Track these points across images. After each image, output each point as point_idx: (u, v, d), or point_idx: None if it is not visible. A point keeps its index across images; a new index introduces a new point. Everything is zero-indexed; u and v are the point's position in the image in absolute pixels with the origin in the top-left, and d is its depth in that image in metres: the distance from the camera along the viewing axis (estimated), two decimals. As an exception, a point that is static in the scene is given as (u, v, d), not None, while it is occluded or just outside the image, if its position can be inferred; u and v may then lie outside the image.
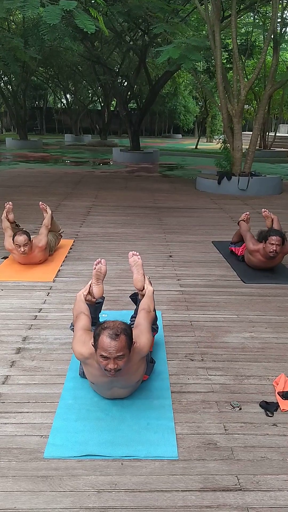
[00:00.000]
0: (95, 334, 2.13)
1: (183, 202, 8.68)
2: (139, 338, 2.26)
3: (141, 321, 2.44)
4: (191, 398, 2.49)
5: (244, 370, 2.80)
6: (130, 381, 2.34)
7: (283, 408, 2.40)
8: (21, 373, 2.70)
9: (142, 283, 2.83)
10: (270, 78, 9.87)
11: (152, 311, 2.62)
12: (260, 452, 2.09)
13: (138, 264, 2.90)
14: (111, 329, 2.08)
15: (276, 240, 4.32)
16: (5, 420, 2.26)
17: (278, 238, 4.33)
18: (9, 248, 4.53)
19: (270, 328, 3.39)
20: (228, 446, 2.13)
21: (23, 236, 4.33)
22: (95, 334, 2.13)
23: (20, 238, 4.32)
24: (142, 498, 1.82)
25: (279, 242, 4.32)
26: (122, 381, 2.28)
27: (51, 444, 2.09)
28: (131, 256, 2.98)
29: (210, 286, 4.26)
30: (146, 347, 2.30)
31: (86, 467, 1.98)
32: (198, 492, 1.86)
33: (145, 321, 2.45)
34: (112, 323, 2.13)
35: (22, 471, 1.94)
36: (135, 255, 2.96)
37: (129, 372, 2.23)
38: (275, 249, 4.32)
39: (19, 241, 4.31)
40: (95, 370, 2.23)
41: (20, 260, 4.53)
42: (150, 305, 2.63)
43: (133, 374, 2.30)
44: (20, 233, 4.37)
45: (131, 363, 2.19)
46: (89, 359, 2.22)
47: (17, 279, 4.26)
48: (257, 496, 1.85)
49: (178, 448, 2.10)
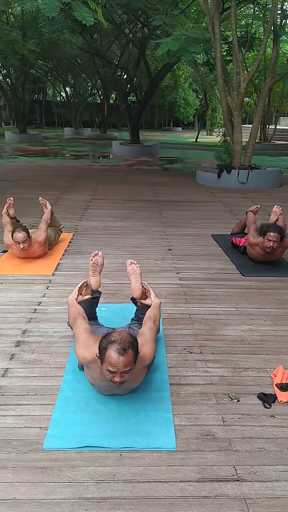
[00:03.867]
0: (101, 346, 2.09)
1: (182, 196, 8.66)
2: (144, 347, 2.25)
3: (146, 330, 2.43)
4: (190, 390, 2.51)
5: (242, 363, 2.81)
6: (131, 386, 2.35)
7: (281, 400, 2.42)
8: (21, 366, 2.71)
9: (139, 291, 2.82)
10: (270, 70, 9.82)
11: (158, 321, 2.60)
12: (257, 443, 2.11)
13: (136, 273, 2.87)
14: (119, 343, 2.04)
15: (274, 237, 4.33)
16: (5, 413, 2.28)
17: (276, 234, 4.33)
18: (8, 243, 4.53)
19: (269, 321, 3.40)
20: (226, 437, 2.14)
21: (22, 233, 4.32)
22: (101, 347, 2.08)
23: (19, 235, 4.31)
24: (141, 488, 1.84)
25: (276, 238, 4.32)
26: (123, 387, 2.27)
27: (51, 435, 2.11)
28: (129, 264, 2.95)
29: (209, 279, 4.26)
30: (149, 356, 2.31)
31: (85, 458, 2.00)
32: (196, 482, 1.88)
33: (151, 331, 2.44)
34: (119, 337, 2.09)
35: (22, 462, 1.96)
36: (133, 263, 2.93)
37: (131, 379, 2.21)
38: (272, 245, 4.33)
39: (18, 238, 4.31)
40: (97, 374, 2.23)
41: (19, 254, 4.53)
42: (157, 315, 2.62)
43: (134, 381, 2.31)
44: (19, 230, 4.35)
45: (134, 372, 2.18)
46: (92, 363, 2.21)
47: (17, 273, 4.26)
48: (254, 487, 1.87)
49: (176, 439, 2.11)
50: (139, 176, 11.44)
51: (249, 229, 4.76)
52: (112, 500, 1.79)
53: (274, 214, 4.92)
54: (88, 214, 6.87)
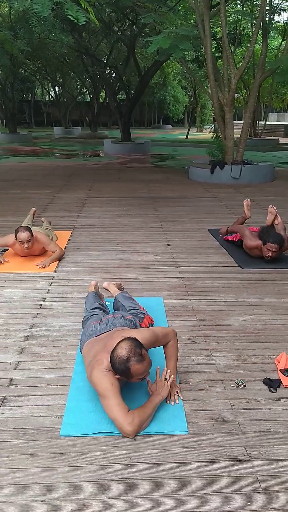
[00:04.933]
0: (121, 369, 2.13)
1: (177, 192, 8.75)
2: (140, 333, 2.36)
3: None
4: (197, 378, 2.59)
5: (246, 350, 2.90)
6: None
7: (286, 384, 2.51)
8: (31, 359, 2.78)
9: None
10: (260, 66, 9.93)
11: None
12: (266, 425, 2.20)
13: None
14: (134, 355, 2.11)
15: (273, 248, 4.36)
16: (20, 403, 2.34)
17: (276, 246, 4.35)
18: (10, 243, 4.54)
19: (270, 311, 3.49)
20: (235, 420, 2.23)
21: (26, 232, 4.34)
22: (122, 369, 2.13)
23: (23, 235, 4.33)
24: (156, 469, 1.92)
25: (276, 249, 4.37)
26: None
27: (66, 423, 2.18)
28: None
29: (208, 272, 4.35)
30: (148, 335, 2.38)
31: (101, 443, 2.07)
32: (209, 462, 1.96)
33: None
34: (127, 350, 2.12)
35: (40, 449, 2.03)
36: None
37: None
38: (271, 255, 4.40)
39: (22, 238, 4.33)
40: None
41: (21, 253, 4.58)
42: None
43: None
44: (22, 230, 4.36)
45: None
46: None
47: (19, 270, 4.31)
48: (265, 465, 1.95)
49: (187, 423, 2.20)
50: (133, 173, 11.50)
51: (243, 235, 4.74)
52: (130, 481, 1.86)
53: (270, 214, 4.82)
54: (85, 211, 6.92)
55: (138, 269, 4.41)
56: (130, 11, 13.86)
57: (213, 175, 9.90)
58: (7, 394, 2.42)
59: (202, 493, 1.80)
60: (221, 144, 10.34)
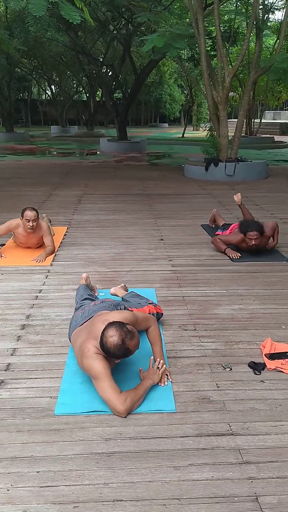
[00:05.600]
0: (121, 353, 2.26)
1: (172, 189, 8.87)
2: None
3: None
4: (186, 362, 2.72)
5: (234, 337, 3.03)
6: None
7: (270, 367, 2.64)
8: (28, 345, 2.90)
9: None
10: (253, 64, 10.05)
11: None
12: (249, 404, 2.33)
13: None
14: (126, 336, 2.22)
15: (254, 235, 4.51)
16: (17, 386, 2.47)
17: (255, 233, 4.51)
18: (13, 226, 4.64)
19: (258, 300, 3.62)
20: (220, 400, 2.36)
21: (33, 212, 4.50)
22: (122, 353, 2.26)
23: (31, 213, 4.48)
24: (145, 443, 2.05)
25: (257, 236, 4.52)
26: None
27: (61, 403, 2.30)
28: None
29: (200, 265, 4.48)
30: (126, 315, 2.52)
31: (93, 421, 2.19)
32: (194, 437, 2.09)
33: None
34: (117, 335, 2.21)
35: (36, 426, 2.16)
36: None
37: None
38: (254, 243, 4.53)
39: (29, 216, 4.46)
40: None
41: (22, 239, 4.67)
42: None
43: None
44: (30, 209, 4.53)
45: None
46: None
47: (16, 264, 4.43)
48: (247, 439, 2.08)
49: (175, 403, 2.32)
50: (128, 171, 11.62)
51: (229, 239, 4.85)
52: (120, 454, 1.99)
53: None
54: (81, 208, 7.04)
55: (132, 262, 4.53)
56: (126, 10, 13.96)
57: (207, 172, 10.02)
58: (5, 377, 2.55)
59: (187, 464, 1.93)
60: (215, 142, 10.46)
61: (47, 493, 1.78)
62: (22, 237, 4.68)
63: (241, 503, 1.74)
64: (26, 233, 4.61)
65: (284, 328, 3.16)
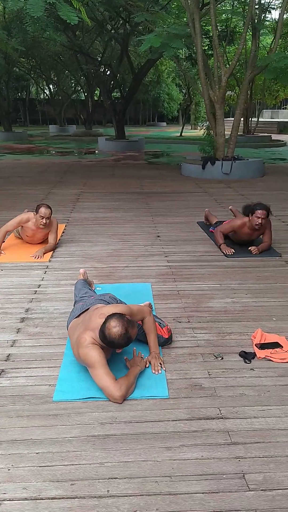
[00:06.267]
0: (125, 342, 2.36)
1: (169, 187, 8.97)
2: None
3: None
4: (179, 352, 2.83)
5: (226, 329, 3.14)
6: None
7: (259, 356, 2.75)
8: (27, 337, 3.00)
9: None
10: (249, 64, 10.15)
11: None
12: (239, 390, 2.44)
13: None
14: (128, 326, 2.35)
15: (262, 214, 4.62)
16: (17, 374, 2.57)
17: (264, 212, 4.63)
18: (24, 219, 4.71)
19: (250, 294, 3.73)
20: (212, 387, 2.47)
21: (48, 209, 4.61)
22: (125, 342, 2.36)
23: (46, 210, 4.59)
24: (139, 426, 2.16)
25: (264, 215, 4.63)
26: None
27: (59, 390, 2.41)
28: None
29: (195, 260, 4.59)
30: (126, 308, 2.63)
31: (90, 406, 2.30)
32: (186, 421, 2.20)
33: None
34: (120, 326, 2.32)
35: (35, 411, 2.26)
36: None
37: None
38: (261, 222, 4.64)
39: (43, 213, 4.57)
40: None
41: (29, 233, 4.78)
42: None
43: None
44: (45, 206, 4.63)
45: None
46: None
47: (15, 261, 4.53)
48: (236, 422, 2.19)
49: (168, 389, 2.43)
50: (126, 170, 11.71)
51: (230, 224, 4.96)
52: (115, 436, 2.10)
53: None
54: (79, 206, 7.14)
55: (129, 258, 4.64)
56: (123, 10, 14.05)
57: (204, 171, 10.13)
58: (5, 367, 2.65)
59: (179, 445, 2.04)
60: (212, 140, 10.57)
61: (46, 472, 1.89)
62: (31, 231, 4.77)
63: (228, 480, 1.85)
64: (36, 228, 4.71)
65: (274, 320, 3.27)
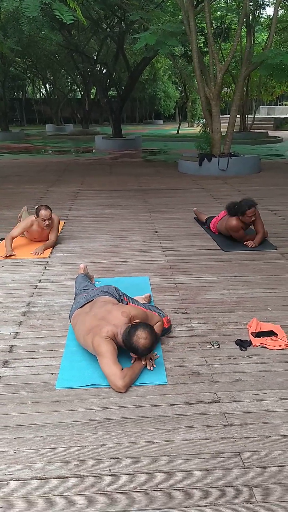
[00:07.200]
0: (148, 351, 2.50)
1: (166, 184, 9.05)
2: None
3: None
4: (177, 341, 2.91)
5: (222, 319, 3.23)
6: None
7: (255, 344, 2.84)
8: (29, 330, 3.09)
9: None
10: (244, 60, 10.22)
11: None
12: (235, 376, 2.53)
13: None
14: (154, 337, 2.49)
15: (252, 212, 4.72)
16: (20, 364, 2.66)
17: (253, 209, 4.73)
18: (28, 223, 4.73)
19: (246, 286, 3.82)
20: (209, 373, 2.55)
21: (48, 210, 4.65)
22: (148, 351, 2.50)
23: (46, 212, 4.62)
24: (139, 411, 2.24)
25: (254, 212, 4.73)
26: None
27: (61, 378, 2.49)
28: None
29: (192, 255, 4.67)
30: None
31: (92, 393, 2.39)
32: (184, 405, 2.29)
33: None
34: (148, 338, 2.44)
35: (39, 398, 2.35)
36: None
37: None
38: (254, 219, 4.75)
39: (44, 215, 4.61)
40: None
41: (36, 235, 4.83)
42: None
43: None
44: (44, 207, 4.66)
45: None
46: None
47: (15, 257, 4.61)
48: (232, 406, 2.28)
49: (167, 376, 2.52)
50: (124, 168, 11.79)
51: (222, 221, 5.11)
52: (116, 420, 2.18)
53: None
54: (77, 204, 7.22)
55: (127, 253, 4.72)
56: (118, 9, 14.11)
57: (201, 167, 10.21)
58: (9, 358, 2.74)
59: (177, 427, 2.13)
60: (208, 137, 10.65)
61: (50, 454, 1.98)
62: (36, 233, 4.83)
63: (225, 458, 1.94)
64: (41, 230, 4.78)
65: (270, 310, 3.35)
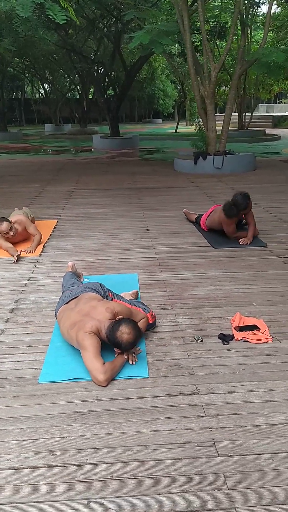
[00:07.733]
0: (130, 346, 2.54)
1: (161, 183, 9.09)
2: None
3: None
4: (161, 336, 2.96)
5: (207, 314, 3.27)
6: None
7: (237, 338, 2.88)
8: (16, 326, 3.13)
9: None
10: (239, 59, 10.24)
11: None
12: (215, 369, 2.57)
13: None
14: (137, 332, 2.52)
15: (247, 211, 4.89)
16: (5, 360, 2.70)
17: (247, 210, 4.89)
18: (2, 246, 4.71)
19: (233, 282, 3.86)
20: (190, 366, 2.60)
21: (4, 223, 4.60)
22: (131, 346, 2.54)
23: (3, 227, 4.58)
24: (119, 403, 2.29)
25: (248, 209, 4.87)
26: None
27: (44, 373, 2.54)
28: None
29: (182, 252, 4.71)
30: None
31: (73, 387, 2.44)
32: (163, 397, 2.33)
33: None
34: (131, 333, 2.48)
35: (21, 392, 2.40)
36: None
37: None
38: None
39: (5, 228, 4.59)
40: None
41: (11, 241, 4.83)
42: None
43: None
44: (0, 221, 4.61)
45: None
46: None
47: (5, 256, 4.65)
48: (210, 397, 2.32)
49: (148, 370, 2.56)
50: (120, 167, 11.83)
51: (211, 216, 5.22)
52: (96, 412, 2.23)
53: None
54: (71, 203, 7.26)
55: (118, 251, 4.77)
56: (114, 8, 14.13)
57: (196, 165, 10.24)
58: (-6, 353, 2.78)
59: (155, 418, 2.17)
60: (204, 135, 10.68)
61: (29, 445, 2.02)
62: (14, 238, 4.83)
63: (200, 448, 1.99)
64: (12, 238, 4.76)
65: (254, 305, 3.40)
